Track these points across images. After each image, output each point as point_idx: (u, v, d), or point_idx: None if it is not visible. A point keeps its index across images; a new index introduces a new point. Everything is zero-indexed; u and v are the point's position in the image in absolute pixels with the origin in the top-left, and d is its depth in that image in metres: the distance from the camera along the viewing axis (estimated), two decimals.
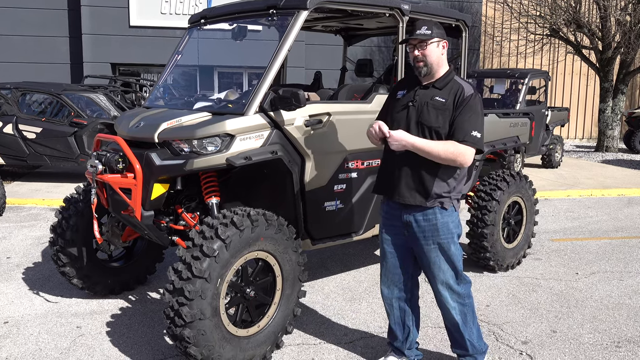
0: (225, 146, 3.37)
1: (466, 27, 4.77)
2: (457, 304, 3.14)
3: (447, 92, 2.97)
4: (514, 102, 10.75)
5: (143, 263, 4.67)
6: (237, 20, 4.16)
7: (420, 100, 3.00)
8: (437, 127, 2.93)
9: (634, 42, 14.14)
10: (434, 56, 2.97)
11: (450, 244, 3.05)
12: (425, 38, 2.94)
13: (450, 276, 3.10)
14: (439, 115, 2.94)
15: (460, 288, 3.13)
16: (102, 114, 9.53)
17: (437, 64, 3.00)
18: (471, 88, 2.99)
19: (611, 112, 15.39)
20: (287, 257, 3.46)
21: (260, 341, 3.38)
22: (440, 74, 3.03)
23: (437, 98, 2.97)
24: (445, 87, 3.00)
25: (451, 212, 3.05)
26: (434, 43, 2.96)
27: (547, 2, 14.98)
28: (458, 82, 3.01)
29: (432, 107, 2.96)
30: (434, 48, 2.97)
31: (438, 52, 2.99)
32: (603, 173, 11.58)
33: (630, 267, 5.48)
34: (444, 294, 3.13)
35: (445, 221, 3.03)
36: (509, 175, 5.19)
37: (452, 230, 3.05)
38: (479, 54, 18.32)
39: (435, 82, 3.03)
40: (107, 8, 14.56)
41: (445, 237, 3.04)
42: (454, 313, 3.15)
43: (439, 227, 3.02)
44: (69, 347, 3.66)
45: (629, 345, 3.79)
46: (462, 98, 2.93)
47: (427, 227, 3.03)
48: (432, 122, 2.94)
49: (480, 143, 2.94)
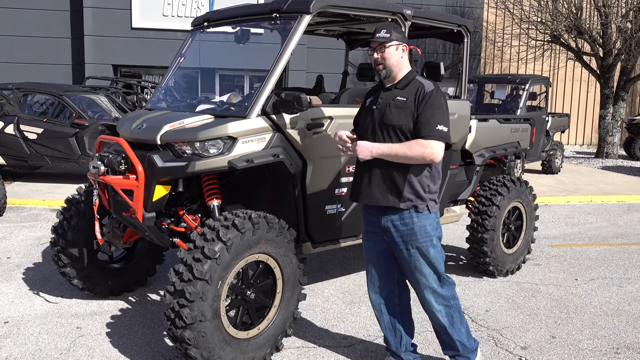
0: (228, 149, 3.39)
1: (468, 33, 4.79)
2: (443, 306, 3.14)
3: (409, 91, 3.01)
4: (514, 108, 10.78)
5: (143, 265, 4.68)
6: (240, 24, 4.18)
7: (383, 102, 3.06)
8: (400, 125, 2.96)
9: (635, 49, 14.17)
10: (393, 59, 3.03)
11: (429, 247, 3.04)
12: (384, 41, 3.00)
13: (433, 280, 3.09)
14: (401, 113, 2.97)
15: (444, 290, 3.12)
16: (104, 116, 9.55)
17: (397, 67, 3.05)
18: (432, 85, 3.02)
19: (611, 118, 15.41)
20: (288, 260, 3.47)
21: (260, 344, 3.39)
22: (401, 75, 3.07)
23: (398, 98, 3.02)
24: (406, 87, 3.04)
25: (427, 215, 3.04)
26: (393, 46, 3.02)
27: (548, 9, 15.02)
28: (419, 81, 3.04)
29: (394, 107, 3.00)
30: (393, 51, 3.02)
31: (397, 55, 3.04)
32: (603, 179, 11.59)
33: (630, 274, 5.49)
34: (429, 299, 3.13)
35: (422, 224, 3.02)
36: (509, 180, 5.21)
37: (430, 233, 3.04)
38: (480, 60, 18.36)
39: (397, 84, 3.07)
40: (110, 10, 14.59)
41: (423, 240, 3.03)
42: (439, 316, 3.15)
43: (416, 230, 3.01)
44: (69, 347, 3.67)
45: (628, 351, 3.79)
46: (422, 94, 2.95)
47: (405, 231, 3.03)
48: (394, 121, 2.98)
49: (448, 136, 2.94)
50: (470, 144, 5.02)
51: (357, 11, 3.94)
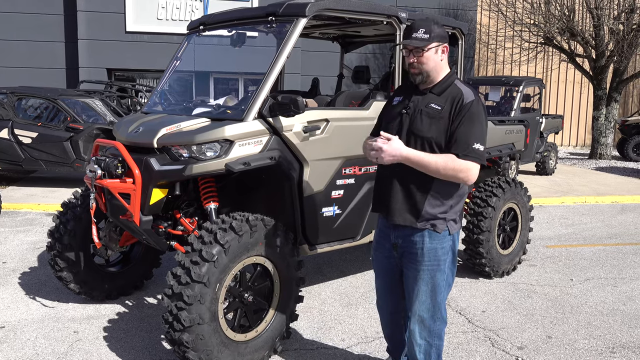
0: (224, 152, 3.39)
1: (462, 35, 4.82)
2: (425, 342, 2.81)
3: (445, 99, 2.63)
4: (508, 110, 10.84)
5: (140, 268, 4.67)
6: (236, 27, 4.19)
7: (415, 107, 2.69)
8: (430, 138, 2.60)
9: (627, 51, 14.28)
10: (432, 63, 2.64)
11: (435, 272, 2.71)
12: (422, 45, 2.60)
13: (425, 309, 2.76)
14: (432, 125, 2.61)
15: (433, 325, 2.79)
16: (98, 119, 9.53)
17: (435, 71, 2.67)
18: (472, 94, 2.64)
19: (604, 119, 15.50)
20: (285, 263, 3.48)
21: (258, 346, 3.40)
22: (439, 79, 2.70)
23: (432, 105, 2.64)
24: (443, 93, 2.66)
25: (443, 237, 2.69)
26: (432, 49, 2.62)
27: (541, 11, 15.12)
28: (458, 87, 2.66)
29: (425, 115, 2.63)
30: (432, 54, 2.63)
31: (437, 58, 2.65)
32: (597, 180, 11.66)
33: (624, 274, 5.52)
34: (413, 328, 2.80)
35: (434, 247, 2.69)
36: (504, 181, 5.24)
37: (440, 257, 2.70)
38: (474, 62, 18.45)
39: (432, 88, 2.69)
40: (104, 13, 14.59)
41: (430, 264, 2.70)
42: (417, 350, 2.82)
43: (425, 252, 2.69)
44: (67, 351, 3.66)
45: (623, 351, 3.82)
46: (460, 105, 2.58)
47: (413, 250, 2.72)
48: (424, 132, 2.61)
49: (483, 157, 2.59)
50: None
51: (352, 14, 3.96)
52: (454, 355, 3.70)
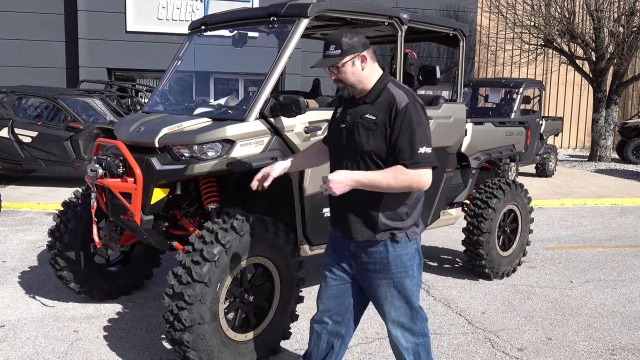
0: (226, 152, 3.39)
1: (464, 37, 4.82)
2: (411, 344, 2.73)
3: (379, 107, 2.53)
4: (508, 112, 10.85)
5: (140, 268, 4.67)
6: (238, 27, 4.19)
7: (352, 119, 2.58)
8: (370, 151, 2.51)
9: (627, 53, 14.30)
10: (352, 77, 2.55)
11: (404, 278, 2.63)
12: (335, 62, 2.52)
13: (403, 314, 2.69)
14: (370, 137, 2.51)
15: (415, 326, 2.72)
16: (99, 119, 9.54)
17: (360, 82, 2.57)
18: (405, 96, 2.51)
19: (604, 122, 15.53)
20: (286, 263, 3.47)
21: (259, 346, 3.39)
22: (370, 86, 2.59)
23: (367, 116, 2.53)
24: (376, 101, 2.55)
25: (405, 244, 2.61)
26: (348, 63, 2.52)
27: (541, 13, 15.13)
28: (390, 92, 2.55)
29: (362, 128, 2.53)
30: (349, 68, 2.54)
31: (356, 71, 2.55)
32: (596, 182, 11.67)
33: (624, 276, 5.53)
34: (395, 334, 2.72)
35: (398, 254, 2.61)
36: (504, 183, 5.24)
37: (407, 263, 2.63)
38: (474, 63, 18.46)
39: (365, 97, 2.59)
40: (104, 13, 14.59)
41: (398, 272, 2.62)
42: (406, 354, 2.74)
43: (390, 261, 2.60)
44: (67, 351, 3.66)
45: (623, 353, 3.82)
46: (395, 112, 2.48)
47: (378, 260, 2.62)
48: (364, 146, 2.52)
49: (433, 158, 2.50)
50: (466, 147, 5.06)
51: (354, 15, 3.96)
52: (454, 357, 3.70)
